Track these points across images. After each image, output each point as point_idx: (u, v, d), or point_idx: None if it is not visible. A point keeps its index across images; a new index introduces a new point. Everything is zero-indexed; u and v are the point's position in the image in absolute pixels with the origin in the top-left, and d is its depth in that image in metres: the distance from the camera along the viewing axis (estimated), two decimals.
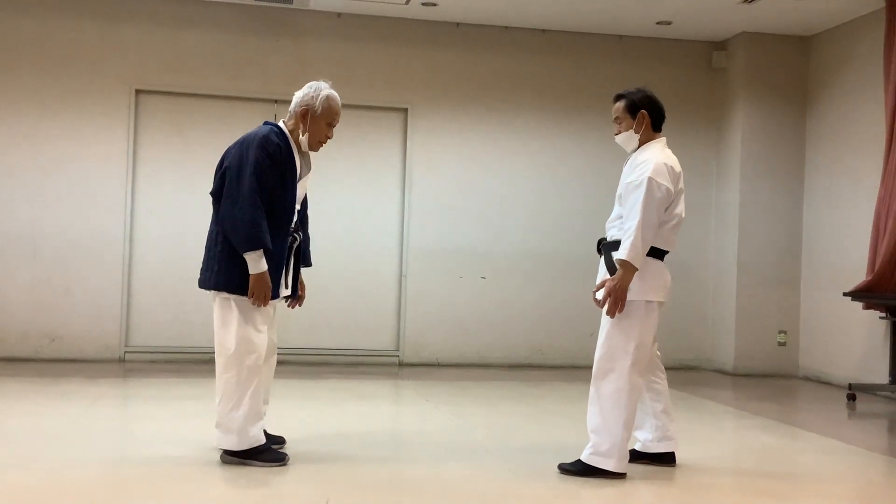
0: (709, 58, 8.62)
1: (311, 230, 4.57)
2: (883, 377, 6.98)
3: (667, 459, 4.28)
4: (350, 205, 8.07)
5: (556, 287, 8.31)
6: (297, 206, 4.24)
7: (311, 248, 4.52)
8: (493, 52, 8.30)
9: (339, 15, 8.03)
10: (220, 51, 7.87)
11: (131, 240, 7.71)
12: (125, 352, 7.64)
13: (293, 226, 4.20)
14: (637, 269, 3.94)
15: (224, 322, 4.04)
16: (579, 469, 4.03)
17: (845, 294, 7.07)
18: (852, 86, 7.72)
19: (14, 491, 3.55)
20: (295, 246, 4.24)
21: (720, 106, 8.61)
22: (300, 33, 7.99)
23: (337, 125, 4.23)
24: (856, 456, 4.83)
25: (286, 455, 4.12)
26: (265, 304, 4.01)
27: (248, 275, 3.96)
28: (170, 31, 7.80)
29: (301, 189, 4.23)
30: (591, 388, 4.05)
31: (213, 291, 4.09)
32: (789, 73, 8.32)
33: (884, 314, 7.00)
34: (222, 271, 4.02)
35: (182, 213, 7.76)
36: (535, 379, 7.47)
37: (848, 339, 7.56)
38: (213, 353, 4.08)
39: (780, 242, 8.27)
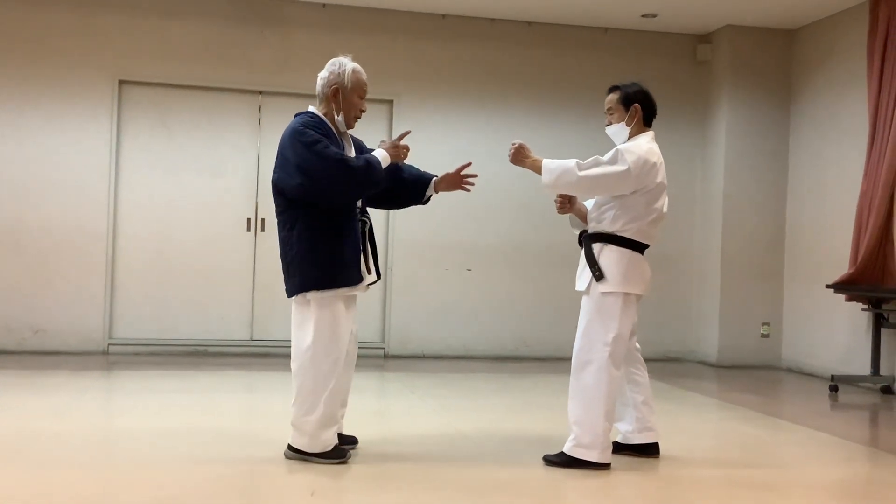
0: (694, 50, 8.64)
1: None
2: (865, 368, 7.04)
3: (651, 451, 4.31)
4: None
5: (542, 279, 8.32)
6: None
7: None
8: (479, 44, 8.29)
9: (324, 6, 7.99)
10: (205, 41, 7.82)
11: (115, 232, 7.67)
12: (109, 344, 7.60)
13: (359, 209, 4.10)
14: (544, 183, 4.30)
15: (300, 323, 3.96)
16: (563, 461, 4.05)
17: (828, 286, 7.12)
18: (836, 79, 7.75)
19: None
20: (367, 229, 4.14)
21: (705, 99, 8.63)
22: (285, 24, 7.95)
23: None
24: (838, 447, 4.87)
25: (347, 452, 4.05)
26: (405, 153, 4.26)
27: (321, 266, 3.87)
28: (154, 21, 7.74)
29: None
30: (571, 380, 4.08)
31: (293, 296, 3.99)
32: (774, 66, 8.35)
33: (866, 306, 7.04)
34: (296, 273, 3.93)
35: (166, 204, 7.70)
36: (520, 371, 7.48)
37: (830, 330, 7.61)
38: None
39: (764, 235, 8.31)
